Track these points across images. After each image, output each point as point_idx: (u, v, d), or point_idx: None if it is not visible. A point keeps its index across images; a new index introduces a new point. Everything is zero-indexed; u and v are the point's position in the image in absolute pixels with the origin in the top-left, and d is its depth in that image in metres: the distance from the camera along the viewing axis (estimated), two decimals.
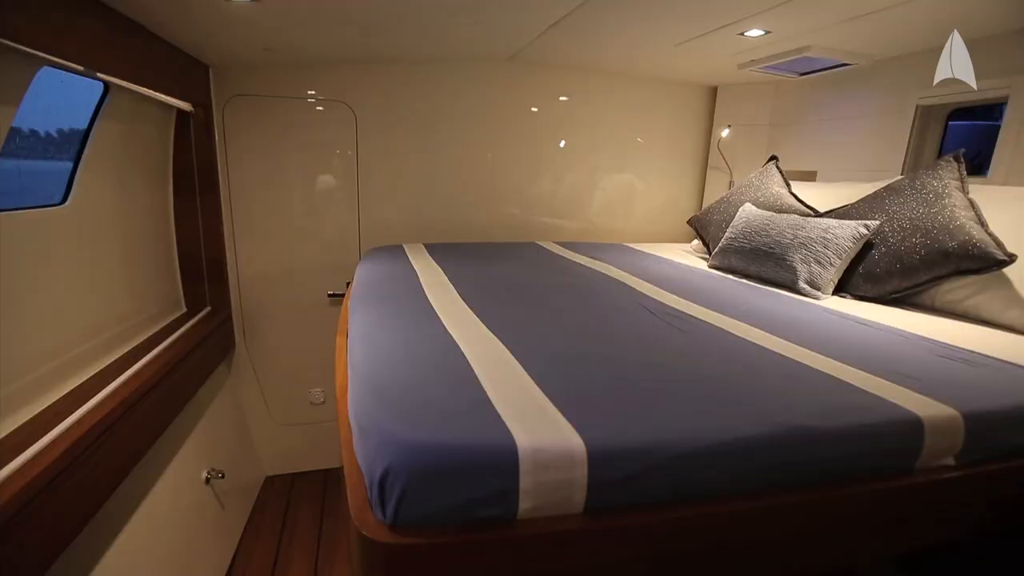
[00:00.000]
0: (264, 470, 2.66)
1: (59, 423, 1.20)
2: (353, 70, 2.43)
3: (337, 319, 1.72)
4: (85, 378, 1.49)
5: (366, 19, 1.80)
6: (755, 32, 1.88)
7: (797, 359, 1.08)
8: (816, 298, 1.63)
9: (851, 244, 1.64)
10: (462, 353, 1.02)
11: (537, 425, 0.75)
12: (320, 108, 2.46)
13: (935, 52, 1.46)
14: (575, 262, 2.09)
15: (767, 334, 1.23)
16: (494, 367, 0.95)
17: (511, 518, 0.70)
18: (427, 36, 2.10)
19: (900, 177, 1.77)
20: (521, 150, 2.75)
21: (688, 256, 2.38)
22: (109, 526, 1.40)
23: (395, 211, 2.65)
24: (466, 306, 1.36)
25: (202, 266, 2.28)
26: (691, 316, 1.36)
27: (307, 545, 2.21)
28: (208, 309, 2.29)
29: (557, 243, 2.54)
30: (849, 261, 1.66)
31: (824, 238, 1.68)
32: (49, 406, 1.31)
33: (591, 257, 2.17)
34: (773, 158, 2.36)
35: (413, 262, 1.92)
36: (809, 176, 2.51)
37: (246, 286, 2.50)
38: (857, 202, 1.80)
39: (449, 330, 1.15)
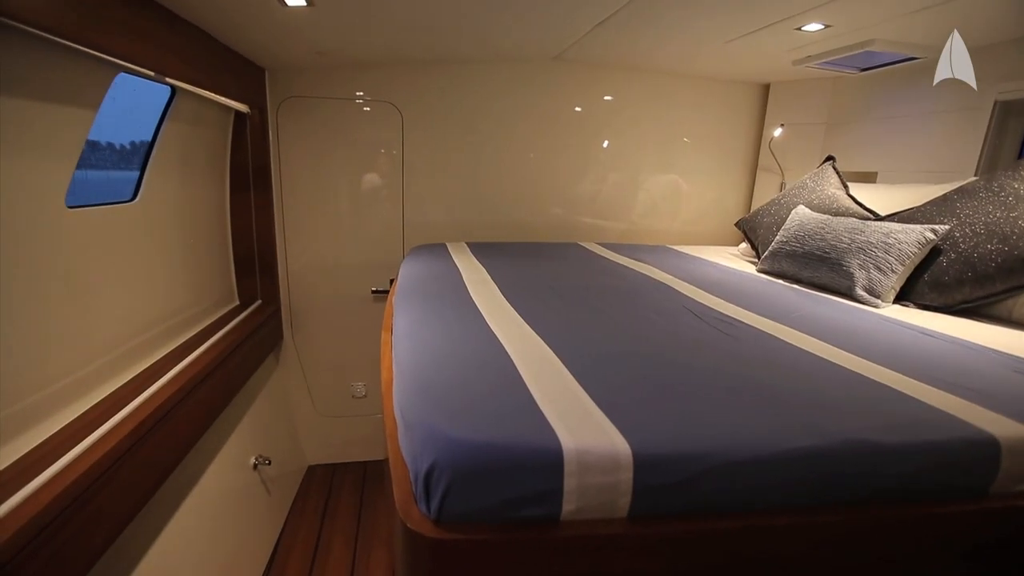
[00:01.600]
0: (307, 459, 2.76)
1: (126, 405, 1.28)
2: (400, 71, 2.48)
3: (380, 315, 1.76)
4: (150, 363, 1.59)
5: (414, 21, 1.83)
6: (813, 26, 1.79)
7: (854, 369, 1.03)
8: (875, 306, 1.54)
9: (916, 250, 1.55)
10: (506, 352, 1.02)
11: (582, 427, 0.75)
12: (367, 108, 2.52)
13: (1017, 43, 1.35)
14: (618, 263, 2.06)
15: (821, 342, 1.18)
16: (538, 366, 0.95)
17: (555, 519, 0.70)
18: (473, 36, 2.11)
19: (974, 179, 1.65)
20: (565, 150, 2.73)
21: (735, 259, 2.31)
22: (167, 505, 1.49)
23: (439, 210, 2.68)
24: (509, 305, 1.36)
25: (254, 261, 2.38)
26: (739, 321, 1.32)
27: (347, 532, 2.27)
28: (259, 302, 2.39)
29: (600, 244, 2.51)
30: (913, 268, 1.57)
31: (885, 243, 1.59)
32: (118, 388, 1.40)
33: (634, 259, 2.13)
34: (830, 158, 2.26)
35: (456, 261, 1.94)
36: (869, 178, 2.37)
37: (294, 281, 2.60)
38: (923, 205, 1.70)
39: (493, 329, 1.16)
